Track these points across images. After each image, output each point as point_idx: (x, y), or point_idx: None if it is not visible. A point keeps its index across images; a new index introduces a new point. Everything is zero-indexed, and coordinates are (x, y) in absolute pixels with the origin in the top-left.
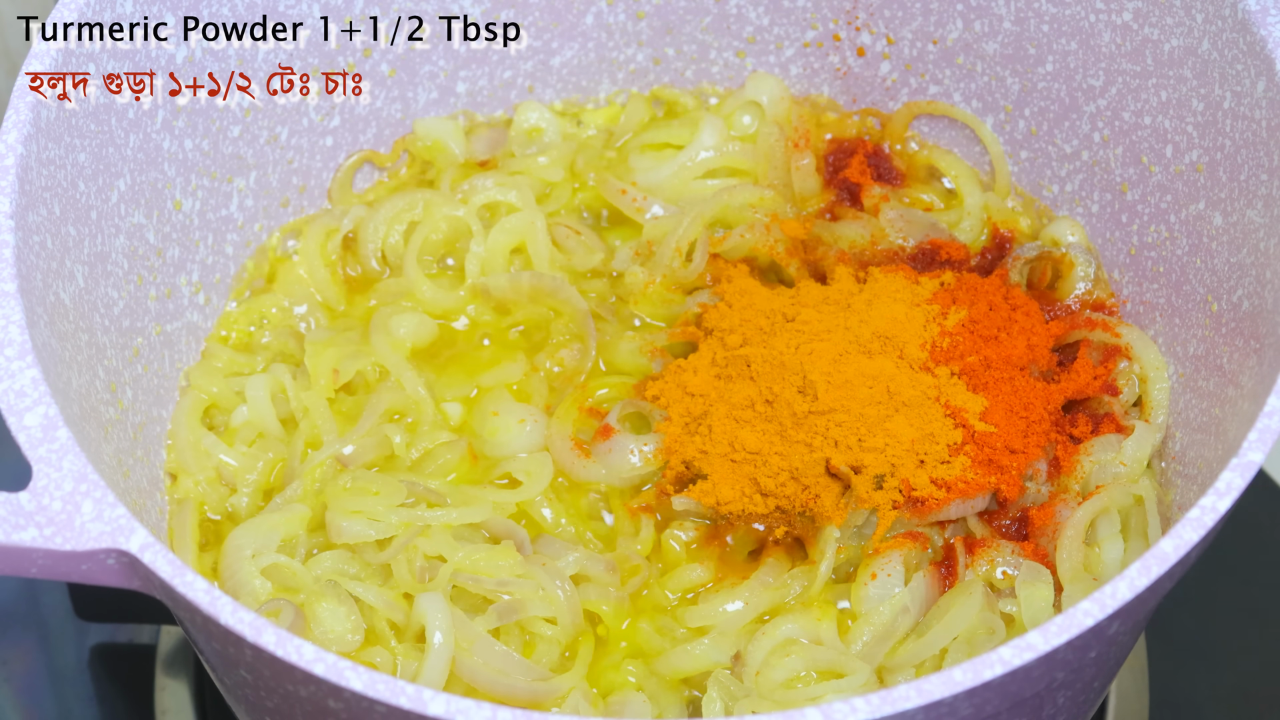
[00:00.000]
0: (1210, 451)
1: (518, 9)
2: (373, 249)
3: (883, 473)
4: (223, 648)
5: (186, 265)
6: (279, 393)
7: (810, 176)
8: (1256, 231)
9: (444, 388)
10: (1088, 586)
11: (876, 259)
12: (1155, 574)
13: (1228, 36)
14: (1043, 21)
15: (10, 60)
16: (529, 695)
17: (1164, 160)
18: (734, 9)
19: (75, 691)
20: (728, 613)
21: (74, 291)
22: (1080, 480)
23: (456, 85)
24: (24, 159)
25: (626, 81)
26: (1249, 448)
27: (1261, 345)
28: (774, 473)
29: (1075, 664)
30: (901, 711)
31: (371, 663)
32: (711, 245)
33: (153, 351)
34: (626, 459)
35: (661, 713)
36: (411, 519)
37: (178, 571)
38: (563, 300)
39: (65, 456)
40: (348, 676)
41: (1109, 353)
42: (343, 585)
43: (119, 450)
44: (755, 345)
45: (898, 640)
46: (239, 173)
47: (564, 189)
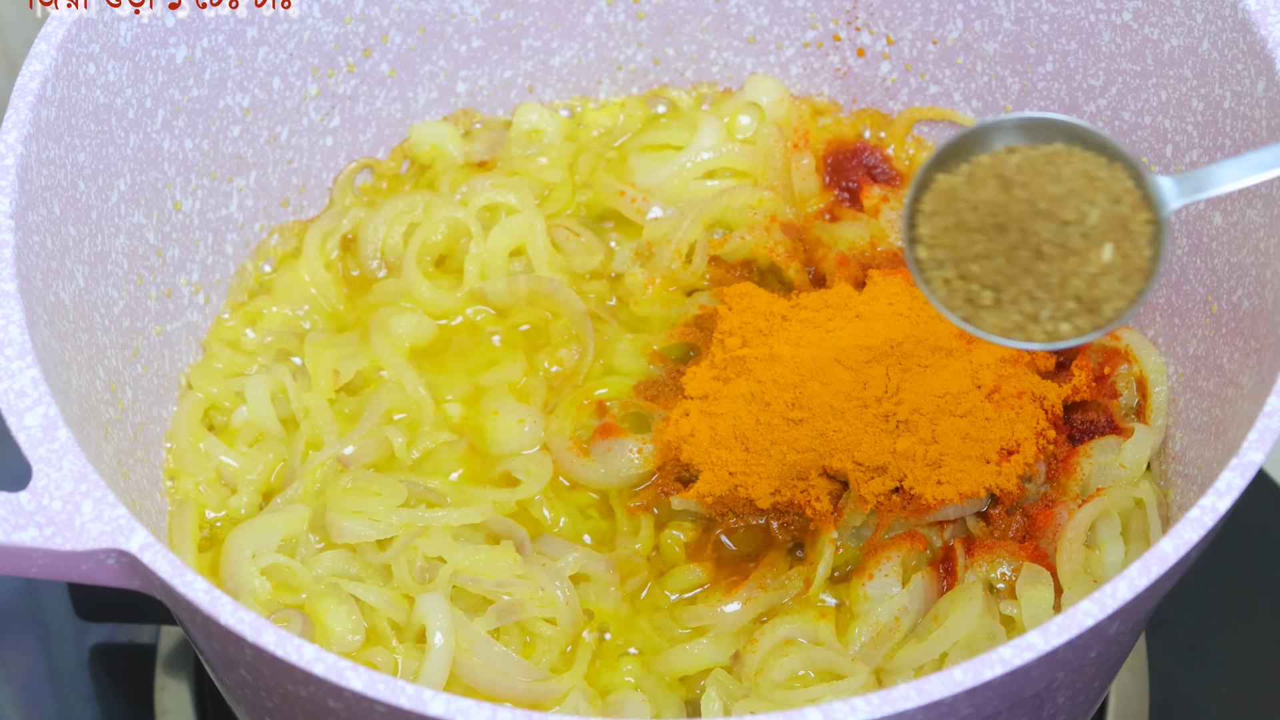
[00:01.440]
0: (1210, 451)
1: (518, 9)
2: (372, 250)
3: (881, 473)
4: (223, 648)
5: (186, 265)
6: (279, 393)
7: (810, 177)
8: (1256, 231)
9: (444, 388)
10: (1088, 589)
11: (876, 260)
12: (1155, 574)
13: (1228, 36)
14: (1043, 21)
15: (10, 60)
16: (529, 695)
17: (1164, 160)
18: (734, 9)
19: (75, 691)
20: (726, 613)
21: (74, 291)
22: (1080, 482)
23: (456, 85)
24: (24, 159)
25: (626, 81)
26: (1249, 448)
27: (1261, 345)
28: (773, 473)
29: (1075, 664)
30: (901, 711)
31: (372, 663)
32: (711, 247)
33: (153, 351)
34: (625, 459)
35: (660, 712)
36: (412, 519)
37: (178, 571)
38: (560, 302)
39: (65, 456)
40: (348, 676)
41: (1109, 355)
42: (343, 585)
43: (119, 450)
44: (754, 346)
45: (896, 641)
46: (239, 173)
47: (564, 190)
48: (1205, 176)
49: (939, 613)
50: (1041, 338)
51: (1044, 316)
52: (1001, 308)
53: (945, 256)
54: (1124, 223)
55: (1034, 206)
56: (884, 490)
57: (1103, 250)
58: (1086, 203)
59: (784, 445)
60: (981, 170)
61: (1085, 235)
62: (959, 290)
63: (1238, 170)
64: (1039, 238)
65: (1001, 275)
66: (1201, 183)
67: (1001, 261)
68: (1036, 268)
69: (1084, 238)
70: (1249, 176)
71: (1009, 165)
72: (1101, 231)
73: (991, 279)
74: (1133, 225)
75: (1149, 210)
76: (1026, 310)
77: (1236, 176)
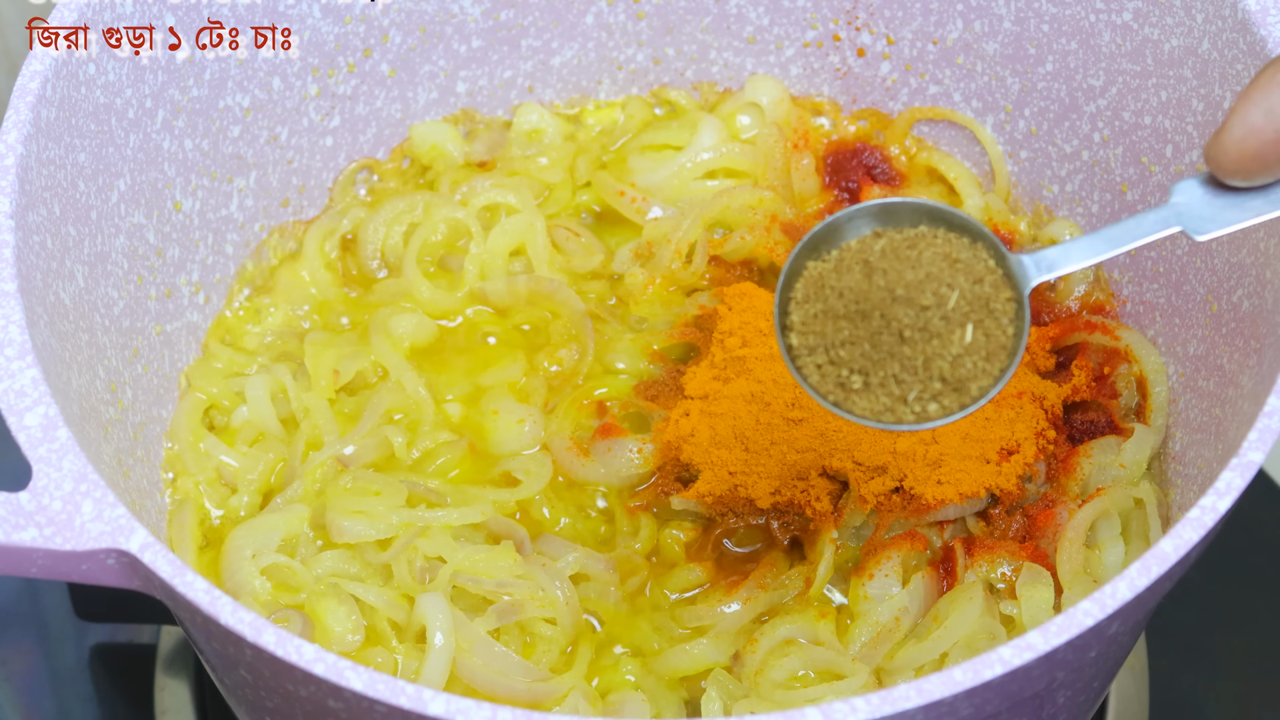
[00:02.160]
0: (1210, 451)
1: (518, 9)
2: (372, 250)
3: (881, 473)
4: (223, 648)
5: (186, 265)
6: (279, 393)
7: (810, 177)
8: (1256, 231)
9: (444, 388)
10: (1088, 589)
11: None
12: (1155, 574)
13: (1228, 36)
14: (1043, 21)
15: (10, 60)
16: (529, 695)
17: (1164, 160)
18: (734, 9)
19: (75, 691)
20: (726, 613)
21: (74, 291)
22: (1080, 483)
23: (456, 85)
24: (24, 159)
25: (626, 81)
26: (1249, 448)
27: (1261, 345)
28: (772, 473)
29: (1075, 664)
30: (901, 711)
31: (372, 663)
32: (711, 247)
33: (153, 351)
34: (625, 459)
35: (660, 712)
36: (412, 519)
37: (178, 571)
38: (560, 302)
39: (65, 456)
40: (348, 676)
41: (1108, 355)
42: (343, 585)
43: (119, 450)
44: (754, 346)
45: (897, 641)
46: (239, 173)
47: (564, 190)
48: (1061, 254)
49: (939, 613)
50: (910, 419)
51: (911, 398)
52: (870, 391)
53: (816, 342)
54: (986, 301)
55: (893, 293)
56: (884, 490)
57: (964, 332)
58: (946, 286)
59: (784, 445)
60: (849, 256)
61: (945, 318)
62: (830, 375)
63: (1092, 247)
64: (900, 323)
65: (868, 360)
66: (1056, 261)
67: (867, 347)
68: (900, 351)
69: (944, 320)
70: (1102, 253)
71: (873, 251)
72: (962, 313)
73: (859, 363)
74: (994, 304)
75: (1010, 288)
76: (894, 393)
77: (1091, 254)
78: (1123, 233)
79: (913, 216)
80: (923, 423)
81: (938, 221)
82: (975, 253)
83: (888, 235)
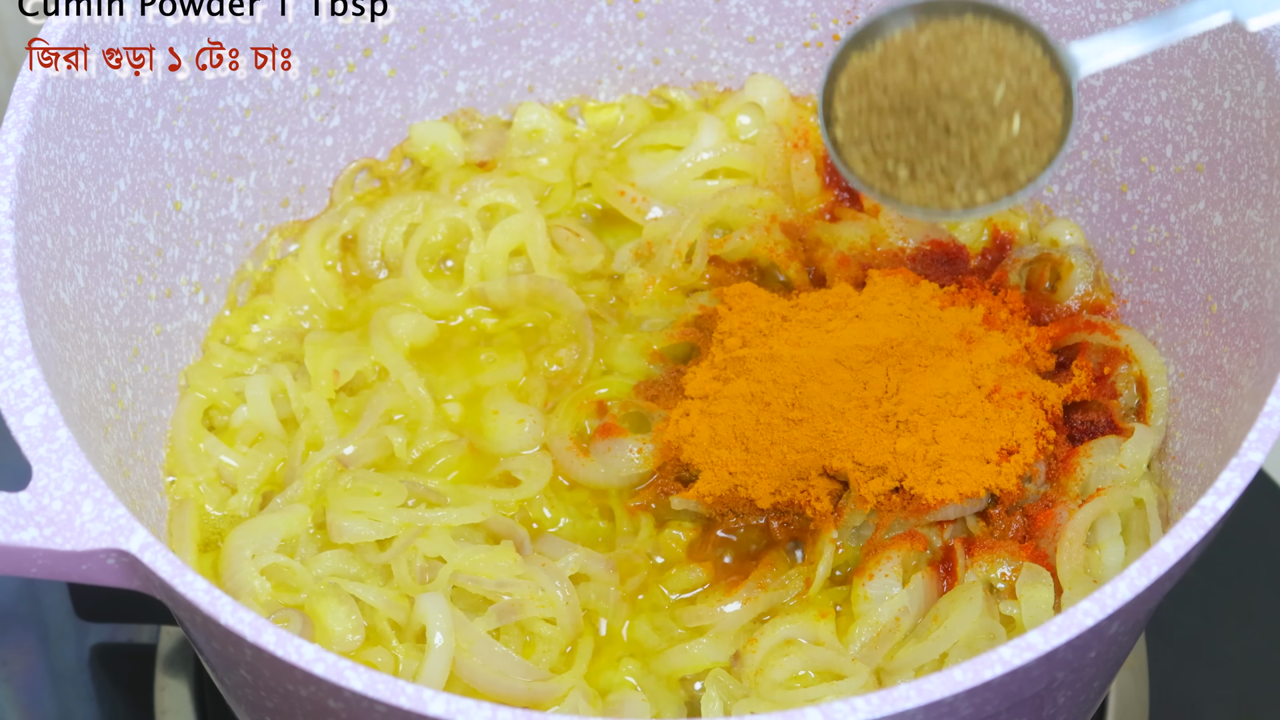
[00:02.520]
0: (1210, 451)
1: (518, 9)
2: (372, 250)
3: (881, 473)
4: (223, 648)
5: (186, 265)
6: (279, 393)
7: (810, 177)
8: (1256, 231)
9: (444, 387)
10: (1088, 589)
11: (876, 260)
12: (1155, 574)
13: (1228, 36)
14: (1043, 21)
15: (10, 60)
16: (528, 695)
17: (1164, 160)
18: (734, 9)
19: (75, 691)
20: (726, 613)
21: (74, 291)
22: (1079, 483)
23: (456, 85)
24: (24, 159)
25: (626, 81)
26: (1249, 448)
27: (1261, 345)
28: (772, 473)
29: (1075, 664)
30: (901, 711)
31: (372, 663)
32: (711, 247)
33: (153, 351)
34: (625, 459)
35: (660, 712)
36: (412, 519)
37: (178, 571)
38: (560, 302)
39: (65, 456)
40: (348, 676)
41: (1108, 355)
42: (343, 585)
43: (119, 450)
44: (754, 347)
45: (897, 641)
46: (239, 173)
47: (564, 190)
48: (1110, 42)
49: (939, 613)
50: (958, 206)
51: (959, 186)
52: (917, 181)
53: (861, 135)
54: (1034, 91)
55: (939, 90)
56: (884, 490)
57: (1011, 123)
58: (992, 79)
59: (784, 445)
60: (893, 50)
61: (992, 112)
62: (875, 166)
63: (1142, 34)
64: (946, 118)
65: (914, 152)
66: (1105, 49)
67: (913, 140)
68: (947, 144)
69: (990, 114)
70: (1153, 41)
71: (919, 45)
72: (1009, 104)
73: (905, 155)
74: (1042, 93)
75: (1058, 76)
76: (941, 182)
77: (1141, 40)
78: (1174, 20)
79: (958, 7)
80: (970, 209)
81: (983, 12)
82: (1022, 42)
83: (933, 27)
